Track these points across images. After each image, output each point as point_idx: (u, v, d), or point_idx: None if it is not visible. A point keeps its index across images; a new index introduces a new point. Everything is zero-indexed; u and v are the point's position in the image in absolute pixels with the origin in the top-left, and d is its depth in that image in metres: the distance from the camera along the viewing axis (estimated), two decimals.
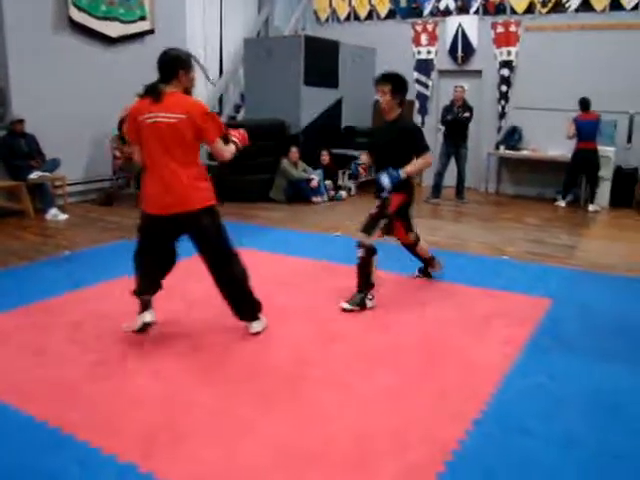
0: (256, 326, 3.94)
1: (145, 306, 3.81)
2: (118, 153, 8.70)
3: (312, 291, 4.86)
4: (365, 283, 4.48)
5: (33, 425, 2.79)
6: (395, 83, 4.46)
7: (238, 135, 3.86)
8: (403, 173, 4.42)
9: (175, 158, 3.52)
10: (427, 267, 5.24)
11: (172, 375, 3.33)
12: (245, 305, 3.90)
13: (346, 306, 4.42)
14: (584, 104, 9.07)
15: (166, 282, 4.07)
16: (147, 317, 3.77)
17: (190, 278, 4.56)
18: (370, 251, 4.45)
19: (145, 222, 3.76)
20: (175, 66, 3.58)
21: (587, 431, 2.84)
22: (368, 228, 4.50)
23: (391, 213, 4.57)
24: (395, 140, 4.51)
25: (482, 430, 2.81)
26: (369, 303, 4.47)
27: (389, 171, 4.43)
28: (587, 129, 9.04)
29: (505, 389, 3.21)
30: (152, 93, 3.58)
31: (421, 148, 4.50)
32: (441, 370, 3.45)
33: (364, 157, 5.08)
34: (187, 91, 3.65)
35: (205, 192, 3.67)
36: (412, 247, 5.04)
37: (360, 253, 4.47)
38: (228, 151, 3.73)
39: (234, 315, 3.92)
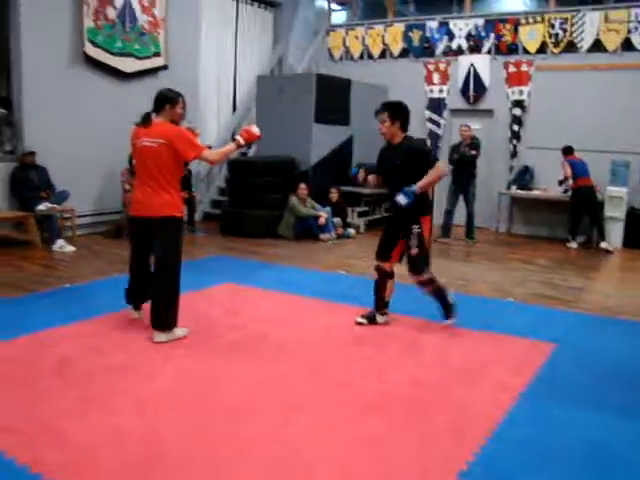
0: (160, 337, 4.31)
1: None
2: (127, 186, 8.74)
3: (308, 330, 4.78)
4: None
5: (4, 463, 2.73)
6: (392, 109, 4.63)
7: (245, 133, 4.50)
8: (417, 188, 4.51)
9: (153, 179, 4.29)
10: (379, 309, 4.97)
11: (156, 412, 3.25)
12: (162, 315, 4.35)
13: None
14: (569, 149, 9.21)
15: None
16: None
17: (183, 317, 4.52)
18: (431, 281, 4.77)
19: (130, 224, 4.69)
20: (162, 101, 4.38)
21: None
22: (419, 266, 4.71)
23: (428, 239, 4.74)
24: (404, 161, 4.61)
25: None
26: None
27: (404, 190, 4.51)
28: (580, 167, 9.10)
29: (495, 439, 3.09)
30: (143, 121, 4.37)
31: (430, 161, 4.63)
32: (431, 417, 3.34)
33: (362, 173, 5.21)
34: (174, 122, 4.41)
35: (170, 207, 4.33)
36: (383, 277, 4.90)
37: (426, 290, 4.83)
38: (212, 154, 4.52)
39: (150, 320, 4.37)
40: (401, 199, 4.51)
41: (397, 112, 4.63)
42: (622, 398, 3.69)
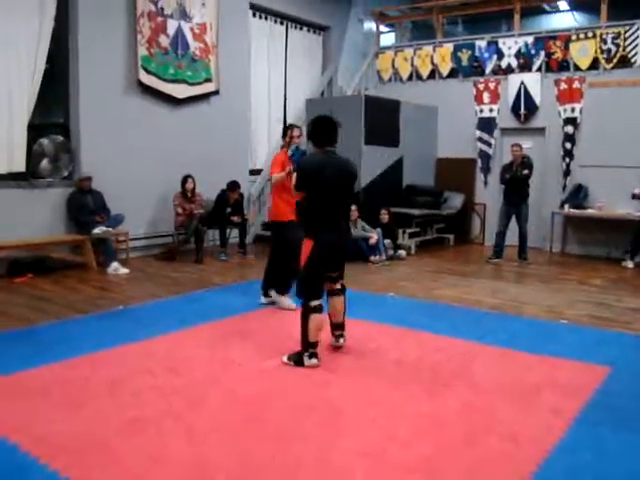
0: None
1: None
2: (180, 209, 8.92)
3: (353, 353, 4.76)
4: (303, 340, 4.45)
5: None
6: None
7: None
8: None
9: None
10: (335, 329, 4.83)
11: (204, 436, 3.28)
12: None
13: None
14: None
15: (203, 345, 4.07)
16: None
17: (232, 337, 4.57)
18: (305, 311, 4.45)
19: None
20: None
21: None
22: (297, 290, 4.62)
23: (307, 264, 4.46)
24: None
25: None
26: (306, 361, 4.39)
27: None
28: None
29: (548, 467, 3.00)
30: None
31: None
32: (481, 442, 3.27)
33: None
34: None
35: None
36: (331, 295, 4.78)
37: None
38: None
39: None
40: None
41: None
42: None
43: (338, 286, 4.76)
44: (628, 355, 4.84)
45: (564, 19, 14.04)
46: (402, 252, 9.49)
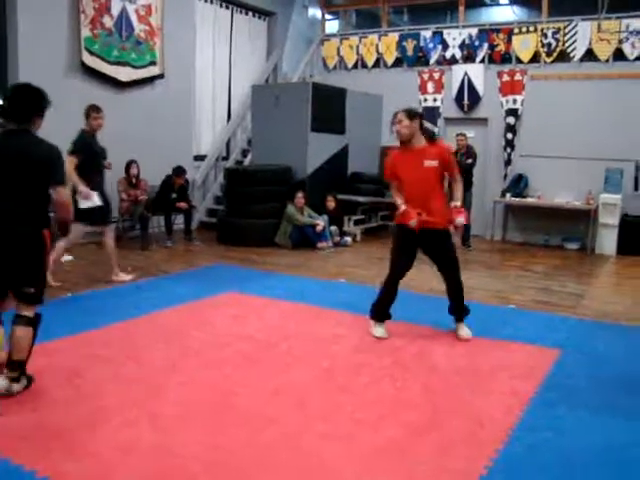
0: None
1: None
2: (124, 196, 8.73)
3: (316, 339, 4.78)
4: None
5: (21, 474, 2.71)
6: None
7: None
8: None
9: None
10: None
11: (169, 424, 3.24)
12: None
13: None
14: None
15: (169, 329, 4.03)
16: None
17: (189, 325, 4.52)
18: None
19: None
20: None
21: None
22: None
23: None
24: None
25: None
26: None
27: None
28: None
29: (511, 445, 3.10)
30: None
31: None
32: (446, 424, 3.35)
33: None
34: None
35: None
36: None
37: None
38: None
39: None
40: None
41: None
42: (632, 402, 3.72)
43: (22, 311, 3.53)
44: (575, 338, 5.02)
45: (504, 13, 14.34)
46: (348, 239, 9.56)
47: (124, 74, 9.13)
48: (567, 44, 9.88)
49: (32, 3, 7.90)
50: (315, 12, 13.21)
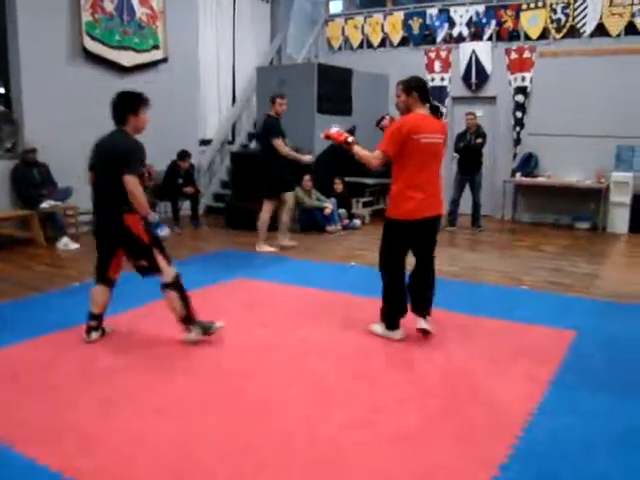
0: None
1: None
2: None
3: (328, 324, 4.72)
4: None
5: (34, 468, 2.66)
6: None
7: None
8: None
9: (436, 176, 4.38)
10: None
11: (186, 412, 3.19)
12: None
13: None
14: None
15: (170, 320, 3.98)
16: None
17: (200, 312, 4.45)
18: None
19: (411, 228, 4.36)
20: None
21: (622, 475, 2.67)
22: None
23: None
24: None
25: (510, 476, 2.64)
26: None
27: None
28: None
29: (532, 430, 3.03)
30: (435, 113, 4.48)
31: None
32: (465, 410, 3.28)
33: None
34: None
35: None
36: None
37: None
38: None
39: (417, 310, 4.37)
40: None
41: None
42: None
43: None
44: (591, 319, 4.93)
45: None
46: (357, 221, 9.47)
47: (127, 59, 9.01)
48: (577, 19, 9.68)
49: None
50: None
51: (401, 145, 4.08)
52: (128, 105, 4.15)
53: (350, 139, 4.42)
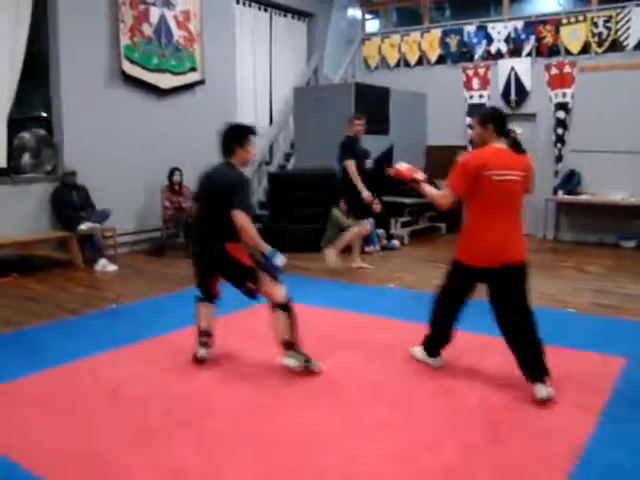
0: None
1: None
2: (168, 203, 8.69)
3: (365, 349, 4.59)
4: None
5: None
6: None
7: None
8: None
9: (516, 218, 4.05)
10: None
11: (217, 446, 3.09)
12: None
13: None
14: None
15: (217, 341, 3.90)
16: None
17: (228, 340, 4.38)
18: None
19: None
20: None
21: None
22: None
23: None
24: None
25: None
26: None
27: None
28: None
29: (584, 466, 2.86)
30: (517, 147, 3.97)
31: None
32: (509, 442, 3.12)
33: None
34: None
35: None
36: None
37: None
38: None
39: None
40: None
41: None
42: None
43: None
44: None
45: (549, 3, 13.89)
46: (396, 242, 9.34)
47: (164, 81, 9.09)
48: (619, 32, 9.43)
49: (72, 14, 7.91)
50: (355, 12, 13.01)
51: (470, 182, 3.71)
52: (234, 137, 4.12)
53: (420, 176, 4.14)
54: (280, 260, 3.96)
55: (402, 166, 4.21)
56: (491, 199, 3.73)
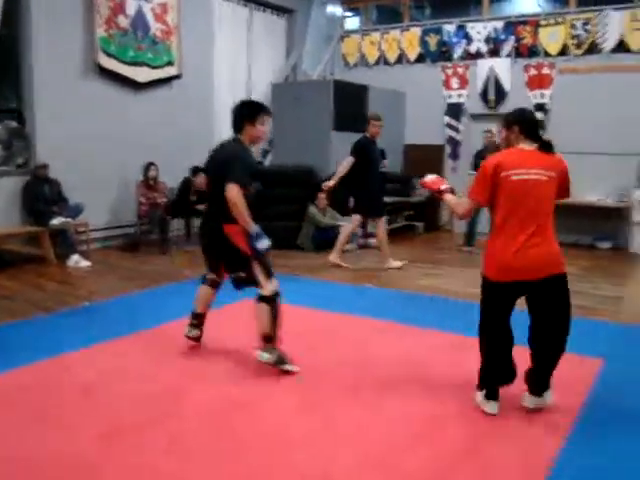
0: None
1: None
2: (143, 199, 8.55)
3: (342, 350, 4.54)
4: None
5: None
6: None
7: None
8: None
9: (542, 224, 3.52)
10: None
11: (188, 447, 3.02)
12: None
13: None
14: None
15: (181, 345, 3.81)
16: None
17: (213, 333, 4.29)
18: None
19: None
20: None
21: None
22: None
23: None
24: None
25: None
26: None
27: None
28: None
29: (559, 471, 2.83)
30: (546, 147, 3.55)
31: None
32: (485, 447, 3.08)
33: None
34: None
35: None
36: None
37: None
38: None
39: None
40: None
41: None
42: None
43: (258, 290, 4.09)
44: (618, 346, 4.72)
45: (529, 4, 13.95)
46: (372, 240, 9.29)
47: (141, 75, 8.94)
48: (597, 35, 9.51)
49: (46, 5, 7.73)
50: (334, 9, 12.94)
51: (491, 187, 3.36)
52: (246, 113, 4.03)
53: (443, 187, 3.85)
54: (264, 244, 3.89)
55: (428, 178, 3.98)
56: (511, 200, 3.34)
